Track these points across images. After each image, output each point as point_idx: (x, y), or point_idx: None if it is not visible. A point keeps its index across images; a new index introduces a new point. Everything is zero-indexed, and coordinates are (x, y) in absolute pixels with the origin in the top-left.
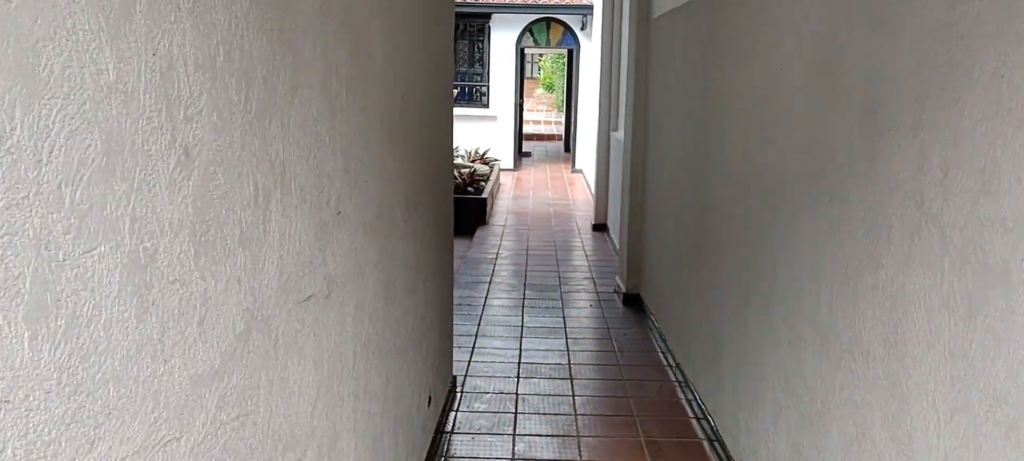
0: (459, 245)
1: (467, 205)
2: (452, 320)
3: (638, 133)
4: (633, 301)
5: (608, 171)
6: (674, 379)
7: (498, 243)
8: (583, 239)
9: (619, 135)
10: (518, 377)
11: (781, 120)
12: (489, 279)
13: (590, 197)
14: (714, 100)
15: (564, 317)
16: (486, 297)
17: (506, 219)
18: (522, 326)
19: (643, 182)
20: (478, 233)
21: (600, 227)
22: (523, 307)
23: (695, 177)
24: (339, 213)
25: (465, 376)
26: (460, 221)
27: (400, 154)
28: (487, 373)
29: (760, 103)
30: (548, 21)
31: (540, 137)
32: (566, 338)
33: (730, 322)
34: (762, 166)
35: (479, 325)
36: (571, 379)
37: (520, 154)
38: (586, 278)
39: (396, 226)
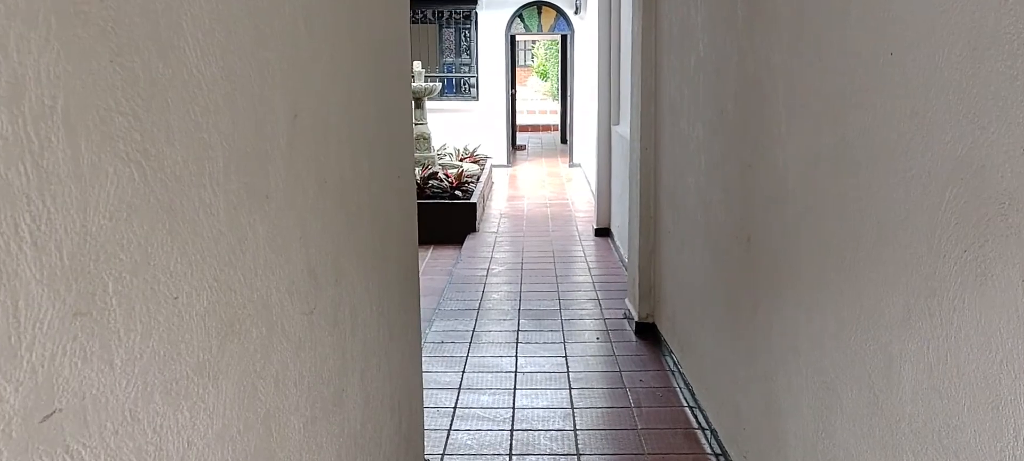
0: (446, 258)
1: (455, 211)
2: (421, 397)
3: (647, 132)
4: (647, 332)
5: (610, 169)
6: (710, 451)
7: (490, 254)
8: (585, 247)
9: (621, 130)
10: (510, 455)
11: (897, 132)
12: (478, 304)
13: (590, 196)
14: (762, 97)
15: (566, 356)
16: (474, 330)
17: (499, 224)
18: (516, 372)
19: (655, 191)
20: (468, 242)
21: (603, 232)
22: (517, 343)
23: (733, 195)
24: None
25: (442, 457)
26: (448, 229)
27: (289, 213)
28: (470, 449)
29: (847, 105)
30: (539, 5)
31: (535, 128)
32: (570, 388)
33: (799, 400)
34: (851, 196)
35: (463, 373)
36: (578, 456)
37: (514, 147)
38: (590, 299)
39: (284, 328)
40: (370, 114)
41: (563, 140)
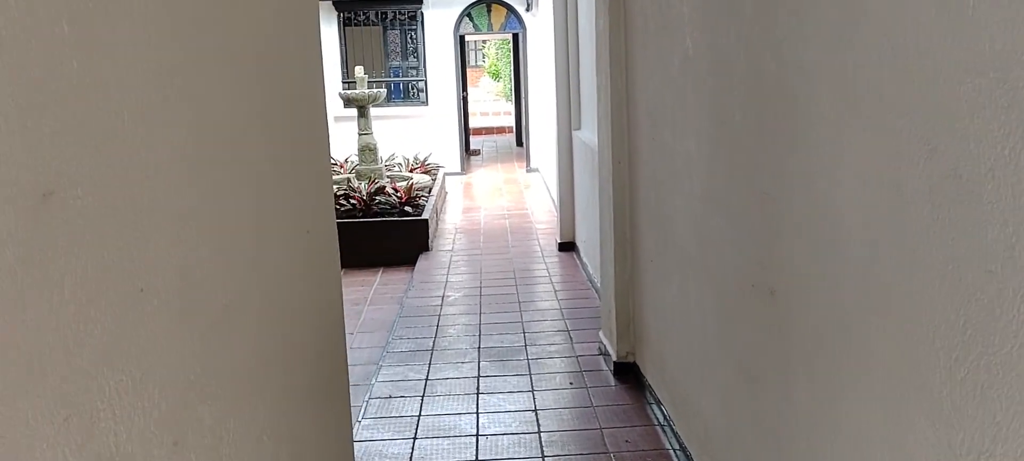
0: (397, 283)
1: (405, 229)
2: None
3: (619, 143)
4: (628, 373)
5: (573, 178)
6: None
7: (445, 277)
8: (549, 264)
9: (583, 136)
10: None
11: None
12: (432, 342)
13: (551, 205)
14: (789, 106)
15: (536, 409)
16: (427, 377)
17: (454, 241)
18: (477, 434)
19: (631, 210)
20: (421, 264)
21: (567, 246)
22: (478, 393)
23: (743, 230)
24: None
25: None
26: (398, 249)
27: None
28: None
29: (955, 119)
30: (489, 3)
31: (489, 130)
32: (542, 455)
33: None
34: (962, 238)
35: (414, 440)
36: None
37: (468, 153)
38: (559, 331)
39: None
40: (254, 157)
41: (519, 142)
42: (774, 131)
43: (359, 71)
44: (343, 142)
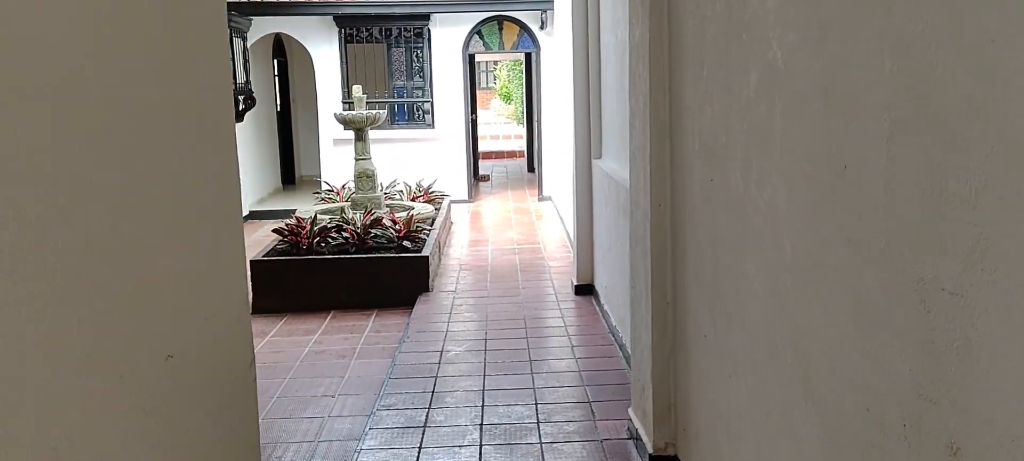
0: (391, 330)
1: (403, 267)
2: None
3: (659, 182)
4: None
5: (592, 212)
6: None
7: (445, 326)
8: (564, 310)
9: (606, 166)
10: None
11: None
12: (425, 415)
13: (565, 238)
14: (1000, 134)
15: None
16: None
17: (458, 279)
18: None
19: (674, 268)
20: (419, 307)
21: (585, 289)
22: None
23: (886, 335)
24: None
25: None
26: (395, 289)
27: None
28: None
29: None
30: (500, 20)
31: (500, 154)
32: None
33: None
34: None
35: None
36: None
37: (476, 179)
38: (578, 402)
39: None
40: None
41: (531, 168)
42: (960, 190)
43: (357, 91)
44: (340, 168)
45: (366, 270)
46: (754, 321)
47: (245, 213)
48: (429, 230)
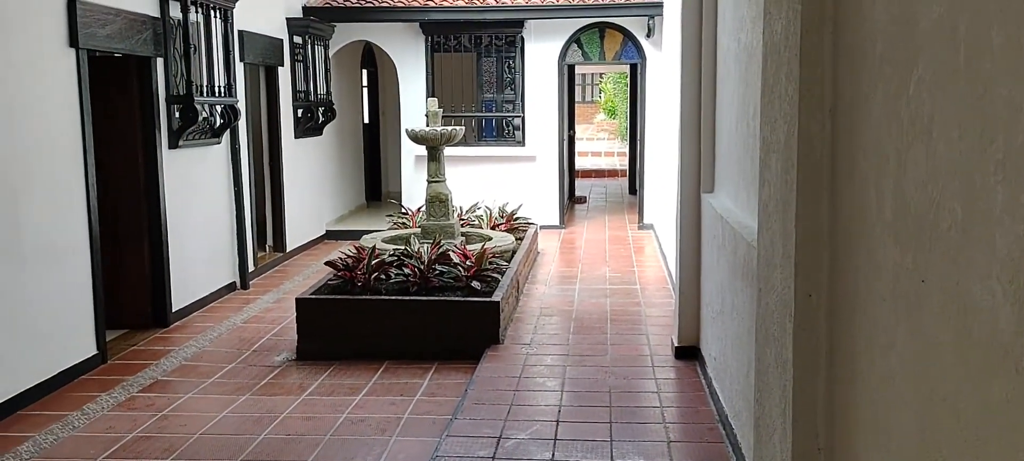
0: (446, 393)
1: (469, 313)
2: None
3: (809, 263)
4: None
5: (699, 257)
6: None
7: (509, 400)
8: (660, 383)
9: (719, 204)
10: None
11: None
12: None
13: (666, 278)
14: None
15: None
16: None
17: (535, 329)
18: None
19: (827, 403)
20: (484, 367)
21: (688, 352)
22: None
23: None
24: None
25: None
26: (460, 338)
27: None
28: None
29: None
30: (601, 27)
31: (600, 173)
32: None
33: None
34: None
35: None
36: None
37: (571, 200)
38: None
39: None
40: None
41: (632, 190)
42: None
43: (432, 104)
44: (420, 187)
45: (427, 315)
46: None
47: (321, 232)
48: (506, 265)
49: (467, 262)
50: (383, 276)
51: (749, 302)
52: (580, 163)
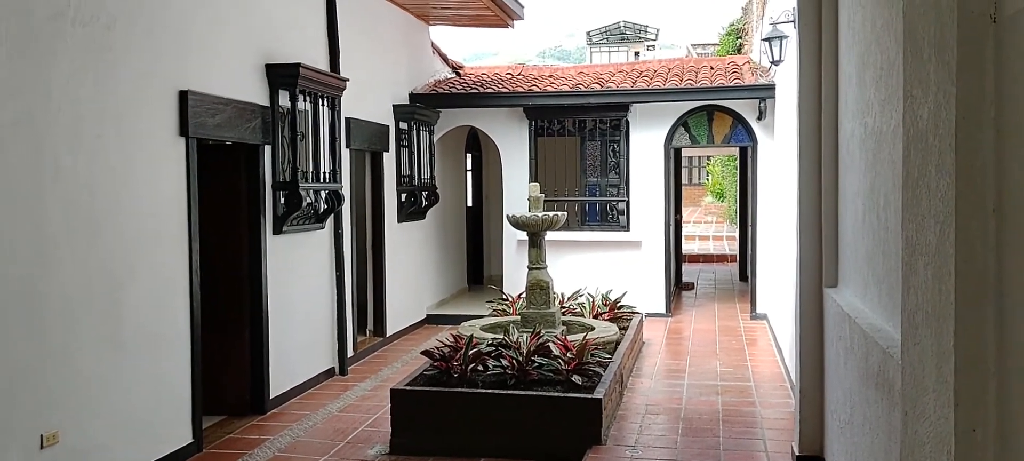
0: None
1: (569, 410)
2: None
3: (971, 392)
4: None
5: (822, 357)
6: None
7: None
8: None
9: (845, 301)
10: None
11: None
12: None
13: (783, 374)
14: None
15: None
16: None
17: (640, 430)
18: None
19: None
20: None
21: None
22: None
23: None
24: None
25: None
26: (559, 435)
27: None
28: None
29: None
30: (709, 110)
31: (708, 258)
32: None
33: None
34: None
35: None
36: None
37: (677, 287)
38: None
39: None
40: None
41: (743, 277)
42: None
43: (533, 189)
44: (521, 272)
45: (524, 411)
46: None
47: (422, 316)
48: (608, 360)
49: (568, 354)
50: (480, 367)
51: (885, 415)
52: (687, 247)
